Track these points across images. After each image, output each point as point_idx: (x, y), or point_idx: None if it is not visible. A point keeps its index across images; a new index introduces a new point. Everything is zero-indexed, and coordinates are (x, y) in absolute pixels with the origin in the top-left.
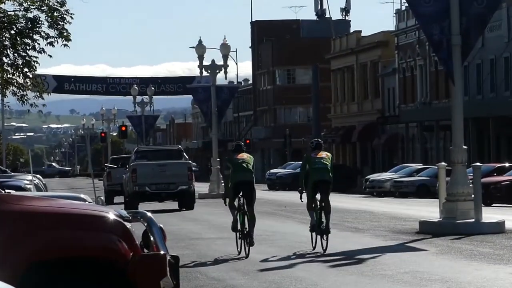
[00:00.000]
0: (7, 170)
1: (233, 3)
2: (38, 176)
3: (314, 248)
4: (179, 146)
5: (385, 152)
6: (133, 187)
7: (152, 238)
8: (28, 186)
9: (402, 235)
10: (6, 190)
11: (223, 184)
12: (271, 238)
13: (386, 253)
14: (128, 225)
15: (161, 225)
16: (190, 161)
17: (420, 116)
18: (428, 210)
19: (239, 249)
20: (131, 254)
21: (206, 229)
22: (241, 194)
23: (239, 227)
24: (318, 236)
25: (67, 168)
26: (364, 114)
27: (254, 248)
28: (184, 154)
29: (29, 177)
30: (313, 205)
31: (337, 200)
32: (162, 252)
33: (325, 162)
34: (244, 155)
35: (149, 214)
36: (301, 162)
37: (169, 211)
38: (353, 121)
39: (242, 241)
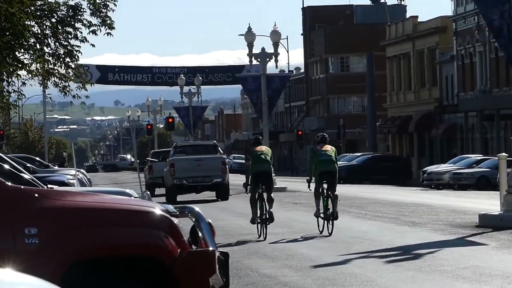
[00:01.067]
0: (50, 164)
1: None
2: (82, 170)
3: (321, 232)
4: (214, 141)
5: (443, 143)
6: (172, 180)
7: (200, 234)
8: (72, 181)
9: (461, 229)
10: (49, 186)
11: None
12: (325, 233)
13: (444, 248)
14: (175, 220)
15: (210, 220)
16: (224, 155)
17: (479, 105)
18: (489, 203)
19: (259, 233)
20: (178, 250)
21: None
22: (260, 184)
23: (257, 219)
24: (326, 222)
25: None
26: (421, 103)
27: (307, 244)
28: (219, 149)
29: (73, 171)
30: (320, 194)
31: (393, 193)
32: (210, 249)
33: (329, 154)
34: (263, 147)
35: (197, 209)
36: (352, 154)
37: (206, 201)
38: (410, 111)
39: (262, 225)
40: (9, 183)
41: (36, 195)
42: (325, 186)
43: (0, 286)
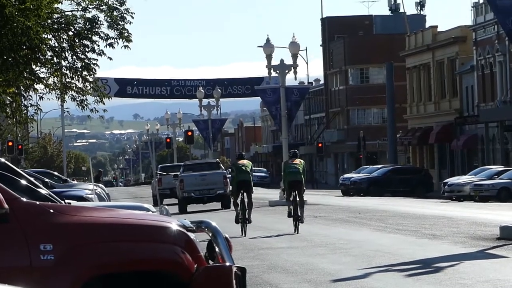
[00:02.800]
0: (68, 179)
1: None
2: (100, 185)
3: (295, 231)
4: (217, 159)
5: (464, 154)
6: (182, 194)
7: (217, 249)
8: (90, 196)
9: (482, 242)
10: (67, 201)
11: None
12: (345, 247)
13: (465, 261)
14: (191, 235)
15: (227, 235)
16: (225, 171)
17: (500, 115)
18: (510, 214)
19: (242, 233)
20: (195, 266)
21: (277, 238)
22: (242, 191)
23: (240, 218)
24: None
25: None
26: (441, 114)
27: (327, 258)
28: (221, 165)
29: (91, 186)
30: (290, 198)
31: (414, 205)
32: (227, 264)
33: (297, 167)
34: (244, 161)
35: (214, 224)
36: (373, 166)
37: (212, 210)
38: (430, 122)
39: (243, 224)
40: (24, 199)
41: (52, 210)
42: (293, 194)
43: None
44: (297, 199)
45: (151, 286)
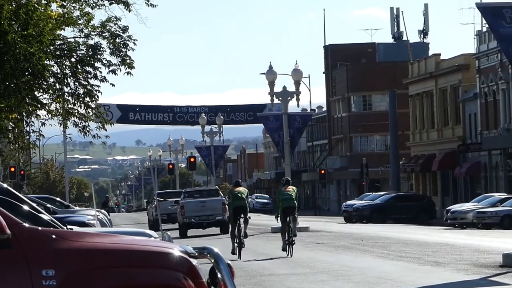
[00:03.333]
0: (70, 205)
1: (305, 27)
2: (102, 211)
3: (288, 255)
4: (216, 186)
5: (467, 182)
6: (182, 219)
7: (219, 275)
8: (92, 222)
9: (484, 269)
10: (69, 226)
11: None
12: (348, 273)
13: None
14: (194, 261)
15: (229, 261)
16: (224, 198)
17: (503, 143)
18: None
19: (238, 255)
20: None
21: (279, 265)
22: (239, 216)
23: (236, 241)
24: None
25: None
26: (444, 141)
27: (329, 285)
28: (220, 192)
29: (93, 212)
30: (284, 227)
31: (416, 233)
32: None
33: (290, 193)
34: (240, 189)
35: (216, 250)
36: (375, 193)
37: (211, 235)
38: (433, 149)
39: (239, 248)
40: (26, 224)
41: (54, 236)
42: (288, 219)
43: None
44: (291, 224)
45: None
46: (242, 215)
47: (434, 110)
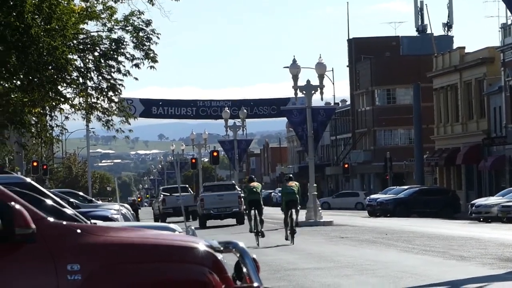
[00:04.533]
0: (93, 199)
1: (328, 20)
2: (126, 205)
3: (288, 241)
4: (233, 181)
5: (492, 175)
6: (202, 211)
7: (244, 270)
8: (115, 216)
9: (510, 263)
10: (92, 221)
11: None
12: (372, 268)
13: (493, 283)
14: (219, 256)
15: (254, 256)
16: (240, 191)
17: None
18: None
19: (257, 243)
20: (223, 286)
21: (303, 259)
22: (253, 208)
23: (253, 230)
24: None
25: None
26: (469, 135)
27: (354, 279)
28: (236, 187)
29: (116, 206)
30: (287, 218)
31: (441, 227)
32: (255, 284)
33: (293, 188)
34: (255, 184)
35: (241, 244)
36: (399, 187)
37: (228, 226)
38: (458, 143)
39: (257, 236)
40: (51, 219)
41: (79, 230)
42: (290, 212)
43: None
44: (293, 216)
45: None
46: (256, 208)
47: (459, 103)
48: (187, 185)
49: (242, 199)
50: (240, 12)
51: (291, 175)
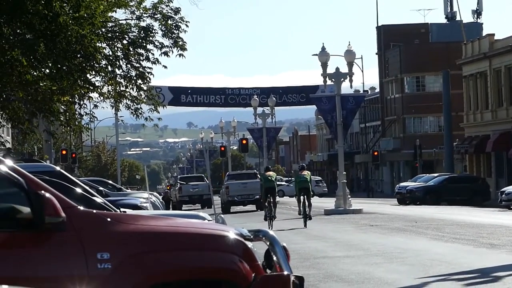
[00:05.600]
0: (122, 187)
1: (357, 8)
2: (155, 193)
3: (305, 227)
4: (255, 170)
5: None
6: (227, 198)
7: (274, 258)
8: (145, 205)
9: None
10: (122, 209)
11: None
12: (402, 256)
13: None
14: (249, 244)
15: (284, 244)
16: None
17: None
18: None
19: (269, 227)
20: (253, 274)
21: (333, 247)
22: (269, 195)
23: (267, 216)
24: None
25: None
26: (498, 122)
27: (384, 267)
28: (258, 175)
29: (146, 195)
30: (300, 202)
31: (471, 214)
32: (285, 273)
33: (306, 177)
34: (271, 173)
35: (271, 232)
36: (429, 174)
37: (249, 211)
38: (487, 130)
39: (270, 220)
40: (81, 207)
41: (109, 219)
42: (303, 198)
43: None
44: (306, 201)
45: None
46: (271, 194)
47: (488, 90)
48: (203, 175)
49: (260, 186)
50: (269, 0)
51: (304, 165)
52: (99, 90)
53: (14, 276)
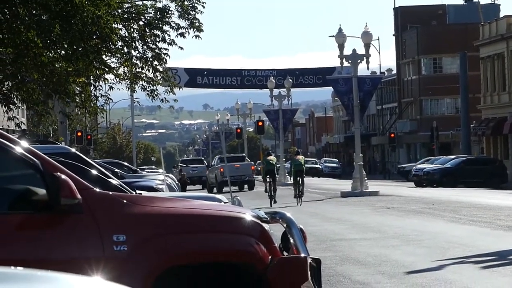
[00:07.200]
0: (138, 169)
1: None
2: (171, 175)
3: (298, 204)
4: (243, 154)
5: None
6: (221, 178)
7: (291, 240)
8: (160, 187)
9: None
10: (137, 191)
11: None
12: (419, 238)
13: None
14: (266, 226)
15: (301, 226)
16: (252, 162)
17: None
18: None
19: (270, 205)
20: (269, 257)
21: (349, 229)
22: (268, 176)
23: (268, 193)
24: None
25: None
26: None
27: (401, 250)
28: (247, 158)
29: (161, 176)
30: (295, 183)
31: (488, 197)
32: (302, 255)
33: (300, 160)
34: (271, 157)
35: (288, 214)
36: (442, 157)
37: (242, 191)
38: (505, 112)
39: (271, 199)
40: (97, 189)
41: (125, 201)
42: (298, 179)
43: None
44: (300, 182)
45: (226, 277)
46: (271, 177)
47: (506, 72)
48: (202, 158)
49: (260, 169)
50: None
51: (298, 150)
52: (114, 71)
53: (30, 258)
